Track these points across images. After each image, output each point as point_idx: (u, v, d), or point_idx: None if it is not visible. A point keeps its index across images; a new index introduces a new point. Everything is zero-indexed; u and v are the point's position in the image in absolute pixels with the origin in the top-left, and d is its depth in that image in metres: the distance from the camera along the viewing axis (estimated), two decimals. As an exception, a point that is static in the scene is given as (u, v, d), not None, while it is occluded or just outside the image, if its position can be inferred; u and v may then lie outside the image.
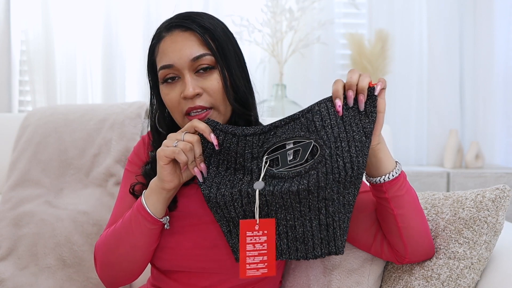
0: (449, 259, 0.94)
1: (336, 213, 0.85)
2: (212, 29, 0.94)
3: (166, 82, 0.94)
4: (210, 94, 0.92)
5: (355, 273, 1.04)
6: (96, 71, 2.21)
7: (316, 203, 0.84)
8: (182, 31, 0.93)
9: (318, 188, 0.82)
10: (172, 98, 0.93)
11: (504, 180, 2.02)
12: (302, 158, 0.84)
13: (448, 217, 0.98)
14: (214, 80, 0.92)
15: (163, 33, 0.95)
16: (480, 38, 2.26)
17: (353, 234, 1.00)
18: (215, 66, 0.92)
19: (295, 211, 0.84)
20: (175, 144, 0.86)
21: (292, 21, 2.06)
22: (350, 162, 0.83)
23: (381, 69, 2.12)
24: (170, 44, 0.93)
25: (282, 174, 0.84)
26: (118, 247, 0.94)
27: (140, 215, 0.91)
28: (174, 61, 0.91)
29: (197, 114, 0.92)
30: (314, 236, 0.86)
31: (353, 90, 0.84)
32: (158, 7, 2.19)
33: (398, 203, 0.89)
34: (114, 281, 0.98)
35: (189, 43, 0.92)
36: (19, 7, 2.18)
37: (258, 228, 0.82)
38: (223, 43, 0.94)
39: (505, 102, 2.25)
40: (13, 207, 1.41)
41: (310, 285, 1.06)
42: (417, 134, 2.28)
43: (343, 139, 0.84)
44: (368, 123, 0.84)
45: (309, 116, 0.86)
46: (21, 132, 1.53)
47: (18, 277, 1.31)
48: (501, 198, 0.95)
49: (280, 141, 0.86)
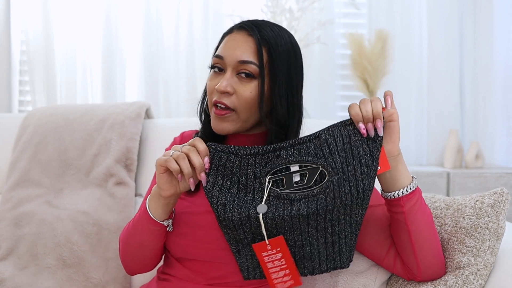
0: (455, 270, 0.94)
1: (342, 232, 0.88)
2: (273, 44, 0.96)
3: (213, 69, 1.00)
4: (239, 98, 0.95)
5: (362, 276, 1.04)
6: (96, 71, 2.21)
7: (323, 224, 0.86)
8: (246, 34, 0.98)
9: (326, 211, 0.84)
10: (210, 86, 0.99)
11: (504, 180, 2.02)
12: (310, 181, 0.86)
13: (450, 229, 0.98)
14: (248, 88, 0.95)
15: (234, 28, 1.02)
16: (480, 38, 2.26)
17: (366, 247, 1.02)
18: (256, 77, 0.96)
19: (303, 232, 0.86)
20: (172, 153, 0.88)
21: (292, 21, 2.06)
22: (355, 186, 0.85)
23: (381, 69, 2.12)
24: (231, 40, 0.99)
25: (287, 195, 0.86)
26: (129, 242, 1.00)
27: (145, 217, 0.95)
28: (225, 55, 0.97)
29: (220, 109, 0.97)
30: (321, 254, 0.89)
31: (371, 122, 0.86)
32: (158, 8, 2.19)
33: (413, 218, 0.91)
34: (132, 269, 1.06)
35: (244, 46, 0.96)
36: (19, 7, 2.18)
37: (270, 247, 0.86)
38: (277, 62, 0.96)
39: (505, 102, 2.25)
40: (13, 207, 1.41)
41: (315, 285, 1.06)
42: (417, 134, 2.28)
43: (350, 163, 0.86)
44: (375, 147, 0.86)
45: (317, 143, 0.88)
46: (21, 132, 1.53)
47: (18, 277, 1.30)
48: (500, 202, 0.95)
49: (285, 163, 0.87)
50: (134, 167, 1.43)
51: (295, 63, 1.00)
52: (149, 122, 1.53)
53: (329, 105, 2.25)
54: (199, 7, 2.19)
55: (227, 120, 0.97)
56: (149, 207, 0.94)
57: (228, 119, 0.96)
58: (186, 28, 2.20)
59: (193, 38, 2.20)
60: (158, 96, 2.22)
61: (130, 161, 1.42)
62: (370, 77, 2.12)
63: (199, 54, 2.21)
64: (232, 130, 0.98)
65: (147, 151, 1.46)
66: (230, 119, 0.96)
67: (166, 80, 2.21)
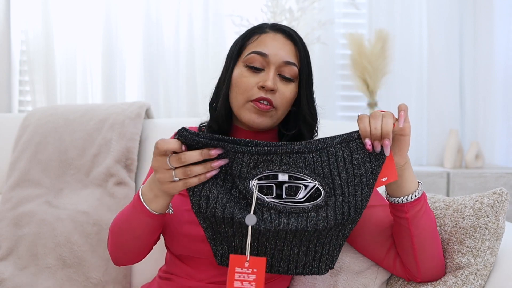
0: (454, 270, 0.94)
1: (327, 244, 0.86)
2: (307, 52, 1.03)
3: (249, 67, 1.00)
4: (281, 97, 0.99)
5: (362, 275, 1.04)
6: (96, 71, 2.21)
7: (309, 237, 0.84)
8: (285, 37, 1.01)
9: (316, 230, 0.82)
10: (249, 82, 0.99)
11: (504, 180, 2.02)
12: (301, 195, 0.82)
13: (450, 229, 0.98)
14: (289, 89, 1.00)
15: (267, 28, 1.03)
16: (480, 38, 2.26)
17: (366, 247, 1.02)
18: (294, 80, 1.01)
19: (286, 240, 0.83)
20: (176, 179, 0.81)
21: (292, 21, 2.06)
22: (354, 206, 0.83)
23: (381, 69, 2.12)
24: (272, 39, 1.00)
25: (276, 206, 0.81)
26: (123, 235, 0.95)
27: (142, 212, 0.90)
28: (270, 53, 0.98)
29: (263, 104, 0.98)
30: (299, 259, 0.87)
31: (379, 140, 0.83)
32: (158, 8, 2.19)
33: (417, 224, 0.90)
34: (121, 261, 1.00)
35: (287, 48, 1.00)
36: (19, 7, 2.18)
37: (248, 265, 0.80)
38: (309, 67, 1.04)
39: (505, 102, 2.25)
40: (13, 207, 1.41)
41: (315, 285, 1.06)
42: (417, 134, 2.28)
43: (351, 184, 0.83)
44: (377, 165, 0.83)
45: (317, 157, 0.82)
46: (21, 132, 1.53)
47: (18, 277, 1.30)
48: (499, 202, 0.95)
49: (276, 170, 0.81)
50: (134, 167, 1.43)
51: (311, 69, 1.06)
52: (149, 122, 1.53)
53: (329, 105, 2.25)
54: (199, 7, 2.19)
55: (268, 116, 0.99)
56: (149, 204, 0.88)
57: (268, 115, 0.99)
58: (186, 28, 2.20)
59: (193, 38, 2.21)
60: (158, 96, 2.22)
61: (130, 161, 1.42)
62: (370, 77, 2.12)
63: (199, 54, 2.21)
64: (269, 125, 1.01)
65: (147, 151, 1.46)
66: (269, 115, 0.99)
67: (166, 80, 2.21)
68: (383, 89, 2.20)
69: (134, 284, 1.32)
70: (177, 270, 1.03)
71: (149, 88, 2.21)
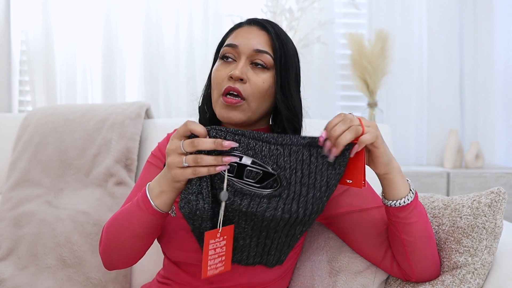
0: (452, 269, 0.95)
1: (276, 239, 0.89)
2: (284, 41, 1.00)
3: (222, 60, 1.00)
4: (252, 87, 0.96)
5: (361, 275, 1.04)
6: (96, 71, 2.22)
7: (259, 225, 0.85)
8: (259, 28, 1.00)
9: (264, 218, 0.83)
10: (220, 75, 0.98)
11: (504, 180, 2.02)
12: (260, 182, 0.83)
13: (448, 228, 0.98)
14: (261, 79, 0.97)
15: (243, 23, 1.03)
16: (480, 38, 2.26)
17: (364, 249, 1.02)
18: (270, 68, 0.98)
19: (239, 226, 0.86)
20: (185, 164, 0.82)
21: (292, 21, 2.06)
22: (304, 208, 0.84)
23: (381, 69, 2.12)
24: (244, 32, 1.00)
25: (234, 184, 0.83)
26: (120, 237, 0.94)
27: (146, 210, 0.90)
28: (240, 44, 0.98)
29: (231, 97, 0.95)
30: (251, 249, 0.91)
31: (331, 142, 0.83)
32: (158, 8, 2.19)
33: (405, 229, 0.91)
34: (114, 264, 0.99)
35: (259, 38, 0.99)
36: (19, 7, 2.18)
37: (219, 235, 0.85)
38: (288, 57, 0.99)
39: (505, 102, 2.25)
40: (13, 207, 1.41)
41: (314, 285, 1.06)
42: (417, 134, 2.28)
43: (304, 184, 0.84)
44: (334, 175, 0.84)
45: (280, 150, 0.84)
46: (21, 132, 1.53)
47: (18, 277, 1.31)
48: (497, 201, 0.95)
49: (242, 152, 0.82)
50: (134, 167, 1.43)
51: (298, 64, 1.04)
52: (149, 122, 1.53)
53: (329, 105, 2.25)
54: (199, 7, 2.20)
55: (238, 109, 0.96)
56: (154, 199, 0.88)
57: (238, 108, 0.96)
58: (186, 28, 2.20)
59: (193, 38, 2.21)
60: (158, 96, 2.22)
61: (130, 161, 1.42)
62: (370, 77, 2.12)
63: (199, 54, 2.21)
64: (243, 119, 0.97)
65: (147, 151, 1.46)
66: (240, 109, 0.96)
67: (166, 80, 2.21)
68: (383, 89, 2.20)
69: (134, 284, 1.32)
70: (174, 276, 1.03)
71: (149, 88, 2.21)
